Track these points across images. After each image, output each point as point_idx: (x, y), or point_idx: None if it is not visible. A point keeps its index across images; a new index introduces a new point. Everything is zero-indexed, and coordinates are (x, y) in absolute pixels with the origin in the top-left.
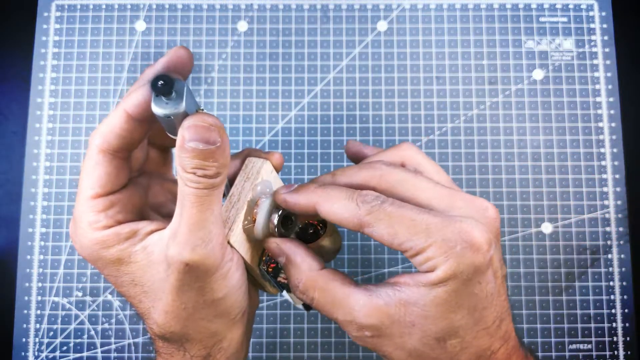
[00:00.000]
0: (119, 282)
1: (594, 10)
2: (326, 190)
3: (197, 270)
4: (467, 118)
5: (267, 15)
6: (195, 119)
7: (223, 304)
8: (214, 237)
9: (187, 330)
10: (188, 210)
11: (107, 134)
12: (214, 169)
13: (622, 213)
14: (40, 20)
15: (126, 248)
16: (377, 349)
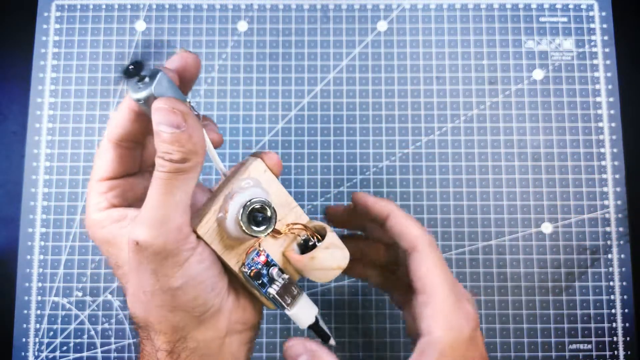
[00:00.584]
0: (110, 263)
1: (594, 10)
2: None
3: (147, 250)
4: (467, 118)
5: (267, 15)
6: (160, 102)
7: (182, 296)
8: (169, 221)
9: (148, 317)
10: (150, 192)
11: (112, 124)
12: (180, 154)
13: (622, 213)
14: (40, 20)
15: (113, 230)
16: None
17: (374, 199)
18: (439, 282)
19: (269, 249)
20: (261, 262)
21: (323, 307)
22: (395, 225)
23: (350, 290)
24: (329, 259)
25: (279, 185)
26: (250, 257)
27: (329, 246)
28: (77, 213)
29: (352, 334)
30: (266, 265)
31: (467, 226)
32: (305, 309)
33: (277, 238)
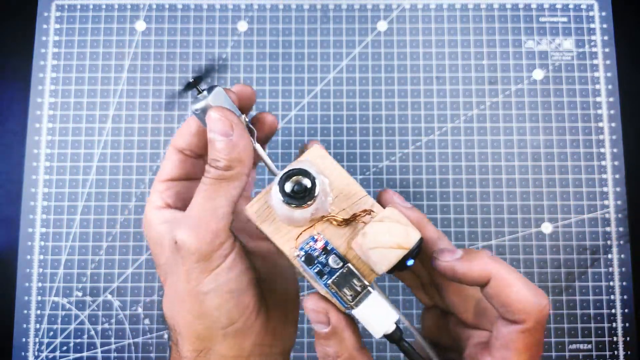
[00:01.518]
0: (156, 262)
1: (594, 10)
2: (504, 264)
3: (182, 250)
4: (467, 118)
5: (267, 15)
6: (213, 110)
7: (208, 302)
8: (206, 224)
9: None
10: (195, 196)
11: (177, 133)
12: (225, 162)
13: (622, 213)
14: (40, 20)
15: (161, 230)
16: None
17: (468, 262)
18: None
19: (333, 242)
20: (318, 248)
21: None
22: (498, 295)
23: None
24: (384, 234)
25: (342, 172)
26: (306, 242)
27: (384, 219)
28: (77, 213)
29: None
30: (324, 252)
31: (467, 226)
32: (376, 309)
33: (341, 227)
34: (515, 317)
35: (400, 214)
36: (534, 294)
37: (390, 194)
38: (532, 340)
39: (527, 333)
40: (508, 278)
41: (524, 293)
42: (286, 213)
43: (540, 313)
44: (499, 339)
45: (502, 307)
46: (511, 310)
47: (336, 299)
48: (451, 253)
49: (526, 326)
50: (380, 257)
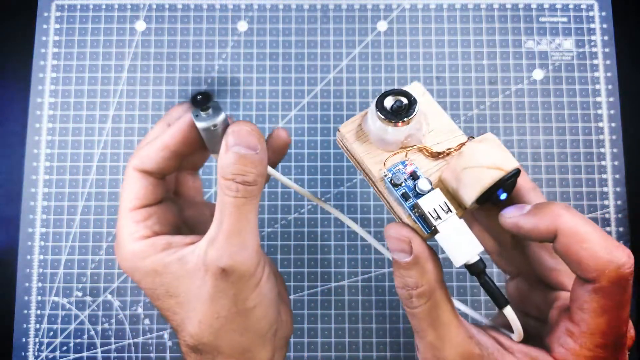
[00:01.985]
0: (155, 295)
1: (594, 10)
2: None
3: (232, 275)
4: (467, 118)
5: (267, 15)
6: (238, 125)
7: (254, 316)
8: (249, 245)
9: (219, 342)
10: (227, 218)
11: (144, 158)
12: (253, 176)
13: (622, 213)
14: (40, 20)
15: (162, 259)
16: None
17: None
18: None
19: (425, 171)
20: (407, 173)
21: (323, 307)
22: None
23: (350, 290)
24: (482, 153)
25: (440, 110)
26: (395, 165)
27: (483, 141)
28: (77, 213)
29: (352, 334)
30: (412, 178)
31: None
32: (459, 236)
33: (433, 159)
34: (586, 275)
35: (498, 141)
36: (608, 250)
37: (490, 134)
38: (609, 302)
39: (602, 293)
40: (579, 232)
41: (596, 248)
42: (379, 133)
43: (616, 271)
44: (575, 300)
45: (572, 263)
46: (581, 267)
47: (419, 222)
48: (518, 208)
49: (599, 285)
50: (473, 178)
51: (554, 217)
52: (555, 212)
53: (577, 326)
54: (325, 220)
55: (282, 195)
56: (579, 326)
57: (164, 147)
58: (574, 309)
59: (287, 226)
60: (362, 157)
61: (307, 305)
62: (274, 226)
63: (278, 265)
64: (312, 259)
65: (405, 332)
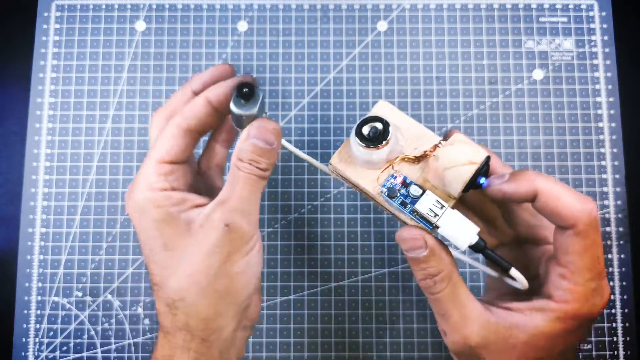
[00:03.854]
0: (149, 245)
1: (594, 10)
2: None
3: (234, 233)
4: (467, 118)
5: (267, 15)
6: (262, 122)
7: (237, 281)
8: (254, 214)
9: (199, 299)
10: (239, 187)
11: (188, 114)
12: (265, 164)
13: (622, 213)
14: (40, 20)
15: (173, 211)
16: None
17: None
18: (587, 266)
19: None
20: (398, 183)
21: (323, 307)
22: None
23: (350, 290)
24: (456, 153)
25: (408, 118)
26: (387, 179)
27: (454, 142)
28: (77, 213)
29: (352, 334)
30: (404, 186)
31: None
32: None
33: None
34: (565, 222)
35: (467, 138)
36: (579, 200)
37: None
38: (588, 241)
39: (581, 235)
40: (553, 190)
41: (569, 200)
42: (365, 157)
43: (588, 216)
44: (559, 247)
45: (552, 216)
46: (560, 217)
47: (421, 223)
48: (499, 177)
49: (578, 229)
50: (454, 175)
51: (531, 181)
52: (531, 177)
53: (566, 268)
54: (325, 220)
55: (282, 195)
56: (568, 267)
57: (207, 103)
58: (559, 254)
59: (287, 226)
60: (357, 181)
61: (307, 305)
62: (274, 226)
63: (278, 265)
64: (312, 259)
65: (405, 332)
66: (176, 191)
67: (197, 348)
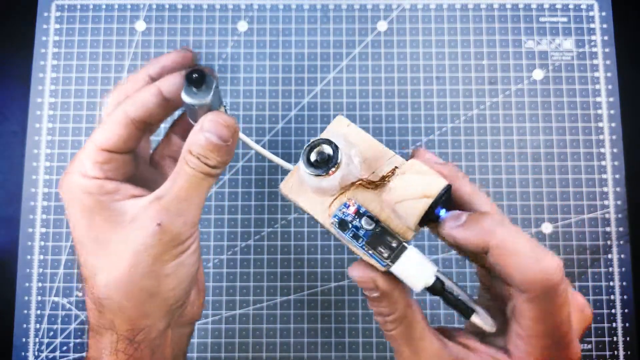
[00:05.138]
0: (81, 235)
1: (594, 10)
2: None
3: (164, 234)
4: (467, 118)
5: (267, 15)
6: (217, 115)
7: (166, 283)
8: (191, 215)
9: (125, 299)
10: (179, 183)
11: (137, 103)
12: (215, 162)
13: (622, 213)
14: (40, 20)
15: (104, 201)
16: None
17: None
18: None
19: (368, 205)
20: (351, 213)
21: (323, 307)
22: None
23: (350, 290)
24: (407, 186)
25: (367, 136)
26: (339, 209)
27: (405, 172)
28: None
29: (352, 334)
30: (357, 216)
31: None
32: (413, 264)
33: (373, 190)
34: (517, 287)
35: (422, 165)
36: (536, 261)
37: (422, 152)
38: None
39: (535, 303)
40: (508, 246)
41: (524, 262)
42: (315, 184)
43: (544, 282)
44: (516, 307)
45: (504, 277)
46: (512, 281)
47: (374, 259)
48: (454, 219)
49: (530, 296)
50: (407, 210)
51: (484, 233)
52: (486, 227)
53: (523, 330)
54: None
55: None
56: (525, 330)
57: (159, 93)
58: (516, 314)
59: (287, 226)
60: (309, 210)
61: (307, 305)
62: (274, 226)
63: (278, 265)
64: (312, 259)
65: None
66: (110, 180)
67: (125, 349)
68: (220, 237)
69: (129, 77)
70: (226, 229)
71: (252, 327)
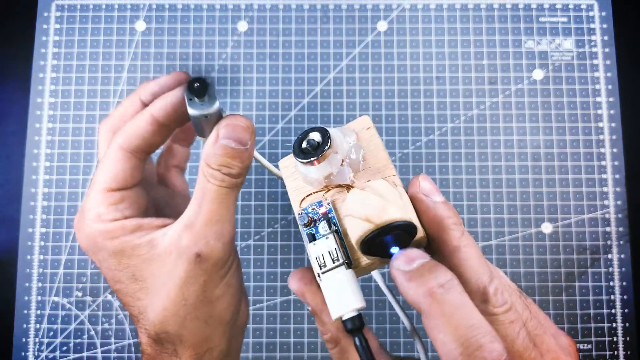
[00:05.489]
0: (117, 277)
1: (594, 10)
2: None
3: (207, 262)
4: (467, 118)
5: (267, 15)
6: (233, 119)
7: (219, 304)
8: (226, 234)
9: (183, 330)
10: (207, 204)
11: (131, 134)
12: (238, 169)
13: (622, 213)
14: (40, 20)
15: (130, 240)
16: None
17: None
18: None
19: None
20: (320, 213)
21: None
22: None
23: None
24: (358, 204)
25: (380, 146)
26: (311, 204)
27: (365, 188)
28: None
29: None
30: (324, 218)
31: (467, 226)
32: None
33: None
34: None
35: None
36: (454, 347)
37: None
38: None
39: None
40: (431, 327)
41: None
42: (303, 171)
43: None
44: None
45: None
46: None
47: (315, 264)
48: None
49: None
50: (351, 226)
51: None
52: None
53: None
54: None
55: (282, 195)
56: None
57: (152, 120)
58: None
59: (287, 226)
60: (289, 192)
61: (307, 306)
62: (274, 226)
63: (278, 265)
64: None
65: (405, 332)
66: (129, 219)
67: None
68: None
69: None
70: None
71: (252, 327)
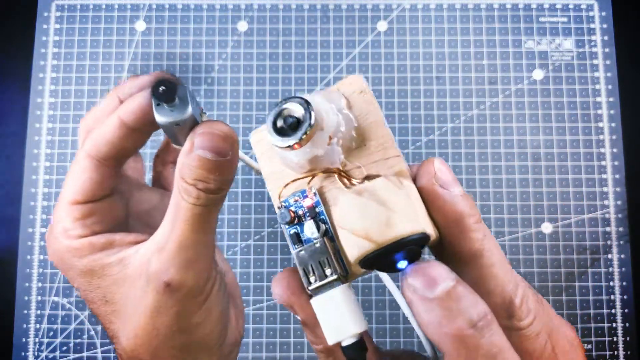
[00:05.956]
0: (90, 298)
1: (594, 10)
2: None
3: (178, 292)
4: (467, 118)
5: (267, 15)
6: (210, 126)
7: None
8: (201, 259)
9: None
10: (180, 226)
11: (99, 140)
12: (217, 184)
13: (622, 213)
14: (40, 20)
15: (99, 259)
16: None
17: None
18: None
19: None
20: (305, 207)
21: None
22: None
23: None
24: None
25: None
26: (293, 195)
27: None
28: None
29: None
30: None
31: None
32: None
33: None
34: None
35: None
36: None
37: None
38: None
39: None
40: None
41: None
42: (282, 154)
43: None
44: None
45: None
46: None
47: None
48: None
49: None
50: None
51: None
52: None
53: None
54: None
55: None
56: None
57: (121, 124)
58: None
59: None
60: (266, 178)
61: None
62: (274, 226)
63: (278, 265)
64: None
65: (405, 332)
66: (98, 235)
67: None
68: (220, 237)
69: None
70: (226, 229)
71: (252, 327)
